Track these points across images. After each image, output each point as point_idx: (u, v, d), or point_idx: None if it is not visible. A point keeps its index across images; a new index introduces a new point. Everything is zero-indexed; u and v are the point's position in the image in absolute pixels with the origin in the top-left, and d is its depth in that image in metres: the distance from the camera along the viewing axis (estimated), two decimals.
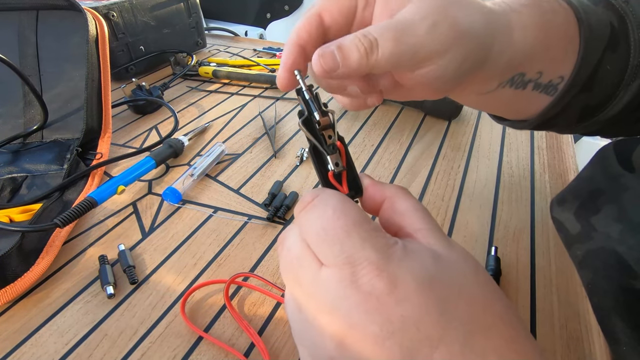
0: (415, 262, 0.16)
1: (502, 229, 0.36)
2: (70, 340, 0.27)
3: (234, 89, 0.64)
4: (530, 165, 0.44)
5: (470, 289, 0.16)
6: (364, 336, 0.15)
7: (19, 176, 0.41)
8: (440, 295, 0.16)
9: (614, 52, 0.25)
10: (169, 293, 0.30)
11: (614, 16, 0.25)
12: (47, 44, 0.50)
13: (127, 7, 0.63)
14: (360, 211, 0.18)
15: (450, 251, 0.18)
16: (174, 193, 0.38)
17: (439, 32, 0.19)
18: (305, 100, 0.21)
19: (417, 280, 0.16)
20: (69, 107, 0.48)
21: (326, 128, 0.21)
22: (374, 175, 0.43)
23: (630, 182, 0.24)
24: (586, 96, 0.26)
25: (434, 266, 0.16)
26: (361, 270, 0.16)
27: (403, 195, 0.20)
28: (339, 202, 0.18)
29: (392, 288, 0.15)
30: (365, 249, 0.16)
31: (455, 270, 0.17)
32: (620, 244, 0.22)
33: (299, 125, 0.21)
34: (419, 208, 0.19)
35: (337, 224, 0.17)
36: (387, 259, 0.16)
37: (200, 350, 0.26)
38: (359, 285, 0.16)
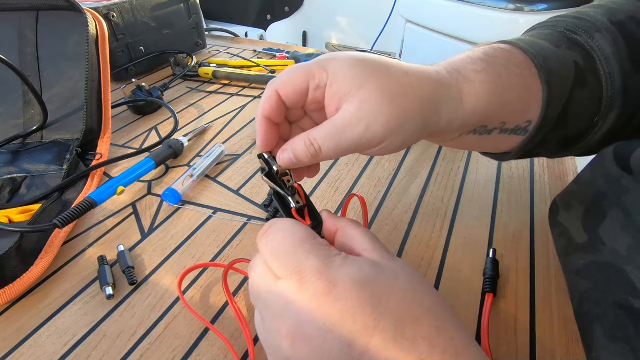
0: (353, 267, 0.19)
1: (501, 230, 0.36)
2: (69, 341, 0.27)
3: (234, 89, 0.64)
4: (529, 166, 0.44)
5: (402, 288, 0.19)
6: (310, 332, 0.18)
7: (19, 176, 0.41)
8: (374, 292, 0.18)
9: (583, 88, 0.26)
10: (168, 294, 0.30)
11: (579, 54, 0.26)
12: (47, 45, 0.50)
13: (128, 8, 0.63)
14: (307, 231, 0.21)
15: (389, 262, 0.21)
16: (174, 194, 0.38)
17: (372, 132, 0.22)
18: (265, 160, 0.26)
19: (353, 280, 0.19)
20: (69, 108, 0.48)
21: (284, 175, 0.26)
22: (374, 177, 0.43)
23: (630, 184, 0.24)
24: (562, 130, 0.27)
25: (370, 270, 0.19)
26: (306, 277, 0.19)
27: (353, 225, 0.23)
28: (288, 226, 0.22)
29: (331, 288, 0.18)
30: (310, 259, 0.19)
31: (390, 274, 0.20)
32: (628, 263, 0.22)
33: (262, 178, 0.27)
34: (366, 234, 0.23)
35: (286, 242, 0.21)
36: (328, 265, 0.19)
37: (200, 351, 0.26)
38: (305, 290, 0.19)
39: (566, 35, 0.27)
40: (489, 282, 0.30)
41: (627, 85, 0.26)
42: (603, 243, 0.25)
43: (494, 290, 0.29)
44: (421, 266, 0.32)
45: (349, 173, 0.43)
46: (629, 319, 0.22)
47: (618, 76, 0.26)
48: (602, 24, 0.27)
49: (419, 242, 0.35)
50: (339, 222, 0.24)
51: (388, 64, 0.23)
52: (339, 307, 0.18)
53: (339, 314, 0.18)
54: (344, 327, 0.18)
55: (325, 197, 0.40)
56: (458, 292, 0.30)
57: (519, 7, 1.00)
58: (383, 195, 0.40)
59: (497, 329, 0.28)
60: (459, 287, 0.31)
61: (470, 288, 0.30)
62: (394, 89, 0.22)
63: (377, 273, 0.19)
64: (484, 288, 0.30)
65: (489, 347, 0.26)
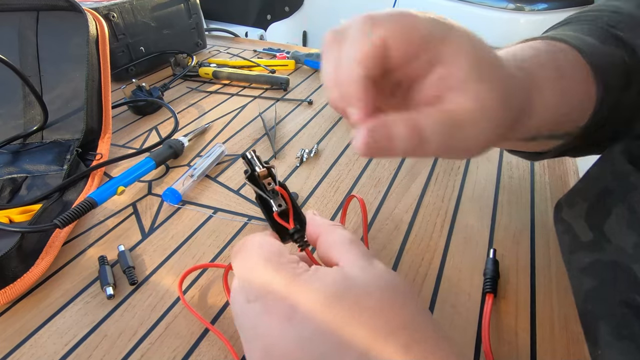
0: (317, 286, 0.18)
1: (502, 230, 0.36)
2: (69, 341, 0.27)
3: (234, 89, 0.64)
4: (530, 166, 0.44)
5: (370, 306, 0.18)
6: (276, 358, 0.18)
7: (19, 177, 0.41)
8: (337, 314, 0.17)
9: (628, 89, 0.24)
10: (168, 294, 0.30)
11: (625, 52, 0.24)
12: (47, 45, 0.50)
13: (128, 8, 0.63)
14: (273, 248, 0.21)
15: (364, 272, 0.19)
16: (174, 194, 0.38)
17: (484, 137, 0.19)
18: (248, 160, 0.26)
19: (314, 302, 0.18)
20: (69, 108, 0.48)
21: (266, 177, 0.25)
22: (374, 177, 0.43)
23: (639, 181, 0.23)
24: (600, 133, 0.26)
25: (336, 290, 0.18)
26: (269, 302, 0.19)
27: (332, 230, 0.22)
28: (254, 245, 0.21)
29: (292, 314, 0.18)
30: (273, 283, 0.19)
31: (359, 290, 0.18)
32: (635, 261, 0.22)
33: (246, 181, 0.26)
34: (345, 241, 0.21)
35: (251, 263, 0.20)
36: (290, 286, 0.19)
37: (200, 351, 0.26)
38: (268, 315, 0.18)
39: (609, 32, 0.26)
40: (490, 283, 0.30)
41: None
42: (609, 241, 0.24)
43: (495, 291, 0.29)
44: (421, 266, 0.32)
45: (349, 173, 0.43)
46: (636, 317, 0.21)
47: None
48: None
49: (419, 241, 0.35)
50: (320, 227, 0.23)
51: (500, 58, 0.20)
52: (299, 332, 0.18)
53: (300, 340, 0.17)
54: (306, 354, 0.17)
55: (326, 196, 0.40)
56: (458, 292, 0.30)
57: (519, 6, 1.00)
58: (383, 195, 0.40)
59: (498, 329, 0.28)
60: (459, 287, 0.31)
61: (471, 288, 0.30)
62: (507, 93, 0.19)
63: (344, 292, 0.18)
64: (484, 288, 0.30)
65: (490, 347, 0.26)
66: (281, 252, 0.21)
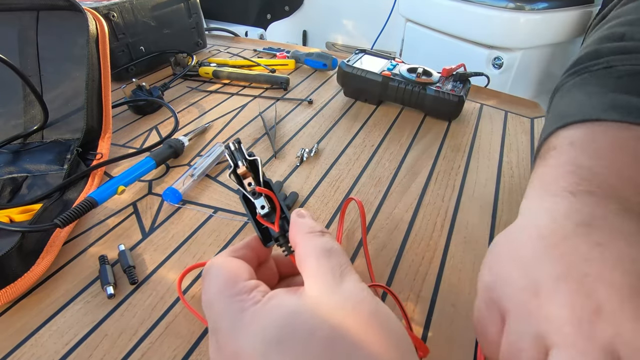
0: (258, 328, 0.17)
1: (502, 229, 0.36)
2: (70, 341, 0.27)
3: (234, 89, 0.64)
4: (530, 165, 0.44)
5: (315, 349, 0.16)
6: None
7: (19, 176, 0.41)
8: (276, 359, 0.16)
9: None
10: (169, 293, 0.30)
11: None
12: (47, 45, 0.50)
13: (128, 8, 0.63)
14: (229, 275, 0.20)
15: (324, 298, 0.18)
16: (174, 193, 0.38)
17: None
18: (230, 152, 0.23)
19: (255, 347, 0.17)
20: (69, 108, 0.48)
21: (247, 176, 0.23)
22: (374, 176, 0.43)
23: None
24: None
25: (279, 330, 0.17)
26: (219, 340, 0.18)
27: (308, 240, 0.20)
28: (212, 273, 0.21)
29: (236, 356, 0.17)
30: (221, 319, 0.18)
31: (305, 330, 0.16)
32: None
33: (229, 177, 0.24)
34: (318, 254, 0.20)
35: (207, 296, 0.20)
36: (234, 326, 0.18)
37: (201, 350, 0.26)
38: (220, 352, 0.18)
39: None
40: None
41: None
42: None
43: None
44: (422, 265, 0.32)
45: (350, 172, 0.43)
46: None
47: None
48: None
49: (419, 241, 0.35)
50: (298, 235, 0.21)
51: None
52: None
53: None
54: None
55: (326, 196, 0.40)
56: (458, 292, 0.30)
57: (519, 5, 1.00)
58: (383, 195, 0.40)
59: None
60: (459, 287, 0.31)
61: (471, 288, 0.30)
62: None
63: (289, 329, 0.17)
64: None
65: None
66: (236, 279, 0.20)
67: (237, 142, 0.23)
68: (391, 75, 0.54)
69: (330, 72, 0.69)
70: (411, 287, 0.31)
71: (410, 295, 0.30)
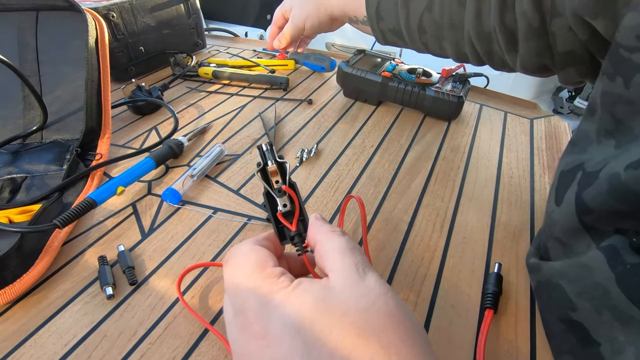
0: (291, 307, 0.18)
1: (501, 229, 0.36)
2: (69, 341, 0.27)
3: (233, 89, 0.64)
4: (529, 166, 0.44)
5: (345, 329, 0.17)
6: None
7: (19, 177, 0.41)
8: (306, 340, 0.17)
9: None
10: (168, 294, 0.30)
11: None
12: (47, 45, 0.50)
13: (127, 8, 0.63)
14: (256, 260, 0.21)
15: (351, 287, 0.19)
16: (174, 194, 0.38)
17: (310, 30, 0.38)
18: (262, 152, 0.25)
19: (285, 325, 0.18)
20: (69, 108, 0.48)
21: (277, 174, 0.25)
22: (374, 177, 0.43)
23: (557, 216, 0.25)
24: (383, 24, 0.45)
25: (310, 311, 0.18)
26: (247, 318, 0.19)
27: (329, 238, 0.22)
28: (240, 256, 0.21)
29: (264, 333, 0.18)
30: (250, 299, 0.19)
31: (337, 311, 0.18)
32: (563, 277, 0.23)
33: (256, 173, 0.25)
34: (341, 249, 0.21)
35: (234, 278, 0.21)
36: (264, 306, 0.19)
37: (200, 351, 0.26)
38: (245, 331, 0.19)
39: None
40: (490, 298, 0.29)
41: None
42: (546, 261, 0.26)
43: (495, 306, 0.28)
44: (421, 266, 0.32)
45: (349, 173, 0.43)
46: (571, 332, 0.22)
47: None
48: None
49: (419, 241, 0.35)
50: (319, 234, 0.23)
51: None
52: (269, 354, 0.18)
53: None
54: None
55: (326, 196, 0.40)
56: (458, 292, 0.30)
57: None
58: (383, 195, 0.40)
59: (498, 328, 0.28)
60: (458, 287, 0.31)
61: (470, 288, 0.30)
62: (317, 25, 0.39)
63: (319, 313, 0.18)
64: (484, 301, 0.30)
65: (484, 352, 0.26)
66: (264, 264, 0.21)
67: (269, 144, 0.25)
68: (391, 75, 0.54)
69: (329, 73, 0.69)
70: (411, 288, 0.31)
71: (410, 296, 0.30)
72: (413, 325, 0.18)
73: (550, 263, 0.25)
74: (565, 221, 0.24)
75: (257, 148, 0.26)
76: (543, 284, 0.25)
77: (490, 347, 0.26)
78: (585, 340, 0.21)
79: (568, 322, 0.22)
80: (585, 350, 0.21)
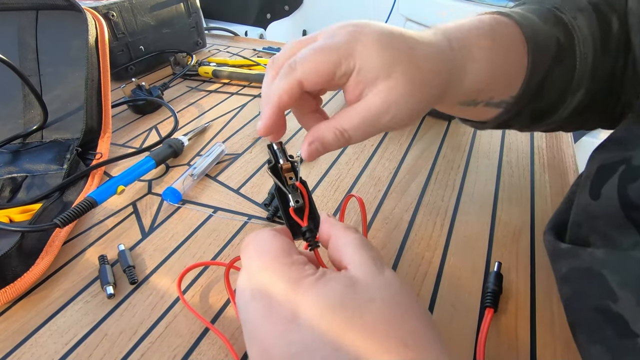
0: (321, 291, 0.18)
1: (502, 228, 0.36)
2: (70, 341, 0.27)
3: (233, 88, 0.64)
4: (530, 165, 0.44)
5: (373, 315, 0.18)
6: (274, 358, 0.18)
7: (19, 176, 0.41)
8: (338, 322, 0.17)
9: (560, 64, 0.27)
10: (168, 293, 0.30)
11: (561, 32, 0.27)
12: (46, 44, 0.50)
13: (127, 7, 0.63)
14: (283, 246, 0.21)
15: (372, 279, 0.19)
16: (174, 193, 0.38)
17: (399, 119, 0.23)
18: (273, 151, 0.26)
19: (316, 308, 0.18)
20: (69, 107, 0.48)
21: (288, 171, 0.25)
22: (374, 176, 0.43)
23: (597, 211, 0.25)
24: (536, 103, 0.29)
25: (340, 295, 0.18)
26: (273, 302, 0.19)
27: (345, 233, 0.22)
28: (263, 242, 0.21)
29: (294, 316, 0.18)
30: (278, 282, 0.19)
31: (364, 297, 0.18)
32: (606, 267, 0.23)
33: (267, 171, 0.25)
34: (356, 245, 0.21)
35: (258, 262, 0.20)
36: (294, 290, 0.19)
37: (200, 350, 0.26)
38: (271, 315, 0.18)
39: (552, 12, 0.28)
40: (490, 297, 0.29)
41: (596, 64, 0.27)
42: (584, 248, 0.25)
43: (495, 305, 0.28)
44: (421, 265, 0.32)
45: (349, 172, 0.43)
46: (607, 322, 0.22)
47: (590, 57, 0.27)
48: (583, 4, 0.28)
49: (419, 240, 0.35)
50: (333, 229, 0.23)
51: (412, 46, 0.23)
52: (299, 337, 0.17)
53: (300, 345, 0.17)
54: (303, 358, 0.17)
55: (326, 196, 0.40)
56: (458, 291, 0.30)
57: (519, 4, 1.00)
58: (383, 194, 0.40)
59: (498, 327, 0.28)
60: (459, 286, 0.31)
61: (471, 287, 0.30)
62: (418, 78, 0.22)
63: (348, 298, 0.18)
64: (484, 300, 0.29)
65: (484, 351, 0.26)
66: (290, 251, 0.21)
67: (279, 143, 0.26)
68: None
69: None
70: (411, 286, 0.31)
71: None
72: (430, 320, 0.19)
73: (590, 250, 0.24)
74: (608, 216, 0.23)
75: (268, 147, 0.26)
76: (579, 271, 0.24)
77: (490, 345, 0.26)
78: (623, 331, 0.21)
79: (606, 312, 0.22)
80: (622, 341, 0.20)
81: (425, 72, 0.23)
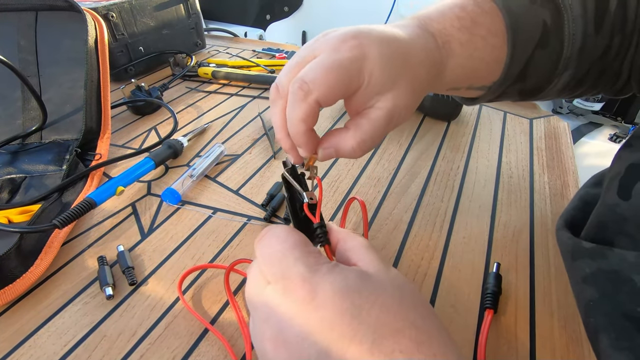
0: (338, 276, 0.19)
1: (501, 229, 0.36)
2: (68, 342, 0.27)
3: (233, 89, 0.64)
4: (529, 166, 0.44)
5: (387, 300, 0.19)
6: (291, 338, 0.19)
7: (18, 177, 0.41)
8: (355, 302, 0.18)
9: (544, 49, 0.28)
10: (168, 294, 0.30)
11: (550, 12, 0.27)
12: (46, 45, 0.50)
13: (127, 8, 0.63)
14: (299, 238, 0.22)
15: (381, 273, 0.21)
16: (173, 194, 0.38)
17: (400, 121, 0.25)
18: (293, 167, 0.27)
19: (335, 289, 0.19)
20: (68, 108, 0.48)
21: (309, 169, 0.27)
22: (373, 176, 0.43)
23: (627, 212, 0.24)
24: (520, 85, 0.30)
25: (355, 280, 0.19)
26: (290, 283, 0.19)
27: (351, 237, 0.24)
28: (281, 232, 0.22)
29: (313, 296, 0.19)
30: (296, 266, 0.20)
31: (376, 285, 0.20)
32: (637, 272, 0.22)
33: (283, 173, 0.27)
34: (365, 246, 0.23)
35: (277, 248, 0.21)
36: (313, 272, 0.19)
37: (200, 351, 0.26)
38: (288, 296, 0.19)
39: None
40: (490, 298, 0.29)
41: (585, 45, 0.27)
42: (611, 249, 0.24)
43: (495, 307, 0.28)
44: (421, 265, 0.32)
45: (349, 172, 0.43)
46: (637, 330, 0.21)
47: (579, 37, 0.27)
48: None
49: (419, 241, 0.35)
50: (340, 234, 0.24)
51: (407, 55, 0.25)
52: (318, 315, 0.18)
53: (318, 322, 0.18)
54: (322, 335, 0.18)
55: (325, 196, 0.40)
56: (457, 292, 0.30)
57: None
58: (383, 195, 0.40)
59: (497, 328, 0.28)
60: (458, 287, 0.31)
61: (470, 288, 0.30)
62: (417, 84, 0.25)
63: (363, 283, 0.19)
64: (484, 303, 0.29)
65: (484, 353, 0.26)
66: (307, 242, 0.22)
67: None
68: None
69: None
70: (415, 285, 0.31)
71: None
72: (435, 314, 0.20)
73: (618, 251, 0.23)
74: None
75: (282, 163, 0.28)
76: (605, 273, 0.24)
77: (490, 347, 0.26)
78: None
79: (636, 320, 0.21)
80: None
81: (422, 80, 0.25)
